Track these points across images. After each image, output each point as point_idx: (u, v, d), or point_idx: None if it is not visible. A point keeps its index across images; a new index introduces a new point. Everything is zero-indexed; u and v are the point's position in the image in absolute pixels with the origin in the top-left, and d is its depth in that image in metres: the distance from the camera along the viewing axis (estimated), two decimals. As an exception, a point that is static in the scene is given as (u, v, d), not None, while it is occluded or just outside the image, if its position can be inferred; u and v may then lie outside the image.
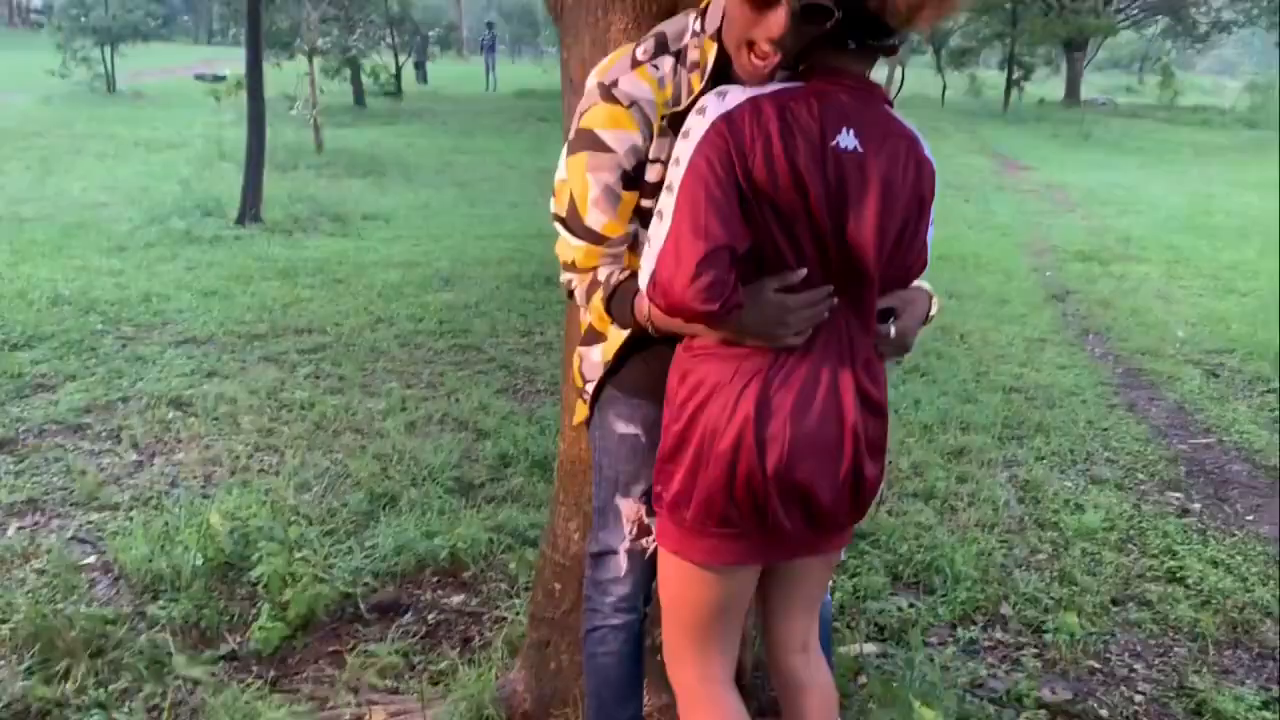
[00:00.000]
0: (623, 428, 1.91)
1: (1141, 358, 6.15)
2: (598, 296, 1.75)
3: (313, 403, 4.67)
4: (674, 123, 1.66)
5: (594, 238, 1.72)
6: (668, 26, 1.73)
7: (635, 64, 1.69)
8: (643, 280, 1.61)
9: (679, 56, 1.69)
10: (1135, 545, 3.68)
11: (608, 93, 1.67)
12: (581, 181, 1.70)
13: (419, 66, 27.06)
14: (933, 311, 1.80)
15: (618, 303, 1.73)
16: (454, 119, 19.22)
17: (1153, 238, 10.21)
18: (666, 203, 1.57)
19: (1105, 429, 4.89)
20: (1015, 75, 28.18)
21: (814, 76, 1.57)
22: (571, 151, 1.72)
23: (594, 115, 1.69)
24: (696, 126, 1.55)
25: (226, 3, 20.96)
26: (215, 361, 5.19)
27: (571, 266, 1.78)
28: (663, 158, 1.67)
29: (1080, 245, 9.80)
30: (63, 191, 10.08)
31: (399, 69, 21.65)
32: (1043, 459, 4.45)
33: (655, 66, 1.68)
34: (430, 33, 25.59)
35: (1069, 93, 31.39)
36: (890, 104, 1.64)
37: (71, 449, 4.07)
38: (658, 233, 1.57)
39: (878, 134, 1.58)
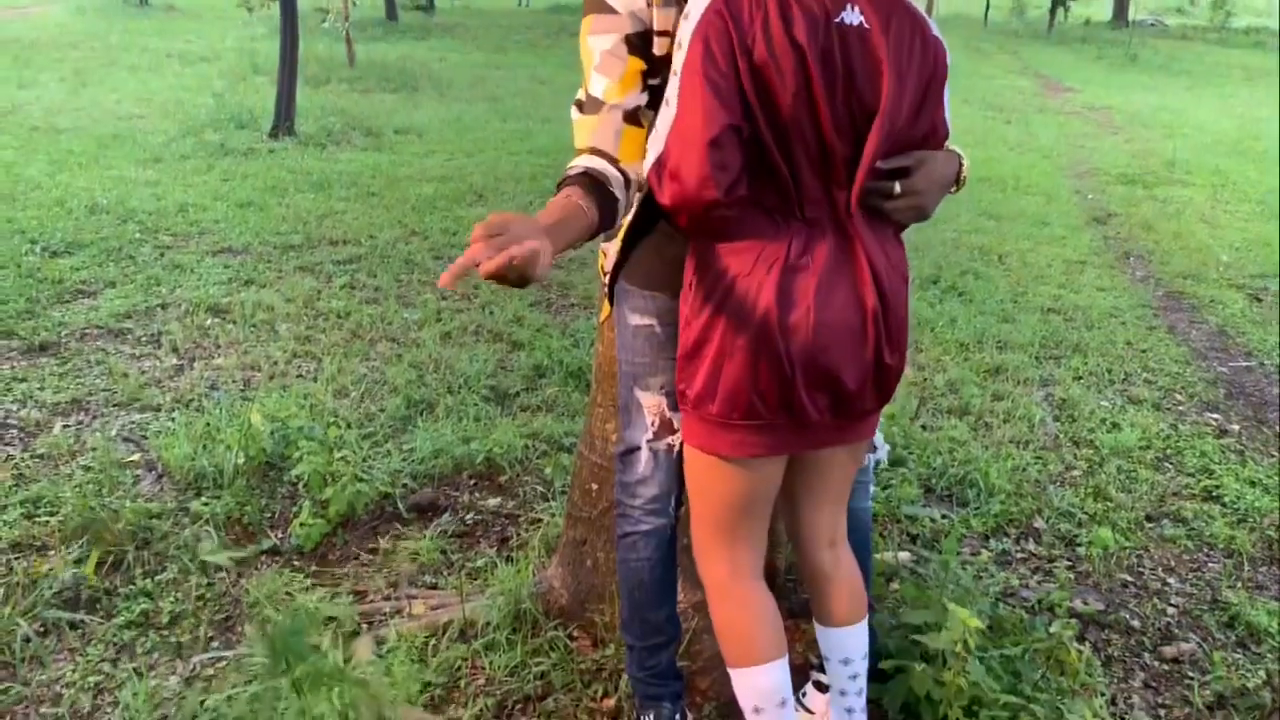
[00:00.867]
0: (637, 320, 1.91)
1: (1183, 281, 6.05)
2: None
3: (349, 312, 4.70)
4: None
5: (594, 106, 1.66)
6: None
7: None
8: (647, 164, 1.60)
9: None
10: (1172, 464, 3.66)
11: None
12: (587, 48, 1.68)
13: (451, -20, 26.69)
14: (963, 173, 1.73)
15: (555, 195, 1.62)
16: (486, 34, 18.97)
17: (1198, 161, 9.97)
18: (672, 88, 1.55)
19: (1144, 350, 4.84)
20: (1061, -6, 27.35)
21: None
22: (583, 20, 1.70)
23: None
24: (695, 8, 1.53)
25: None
26: (251, 271, 5.22)
27: (575, 152, 1.69)
28: (669, 29, 1.65)
29: (1123, 168, 9.59)
30: (97, 103, 10.06)
31: (431, -17, 21.38)
32: (1080, 378, 4.41)
33: None
34: (462, -54, 25.15)
35: (1117, 13, 30.47)
36: None
37: (113, 352, 4.12)
38: (664, 118, 1.56)
39: (883, 10, 1.55)
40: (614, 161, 1.63)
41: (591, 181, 1.58)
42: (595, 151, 1.64)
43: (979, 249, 6.40)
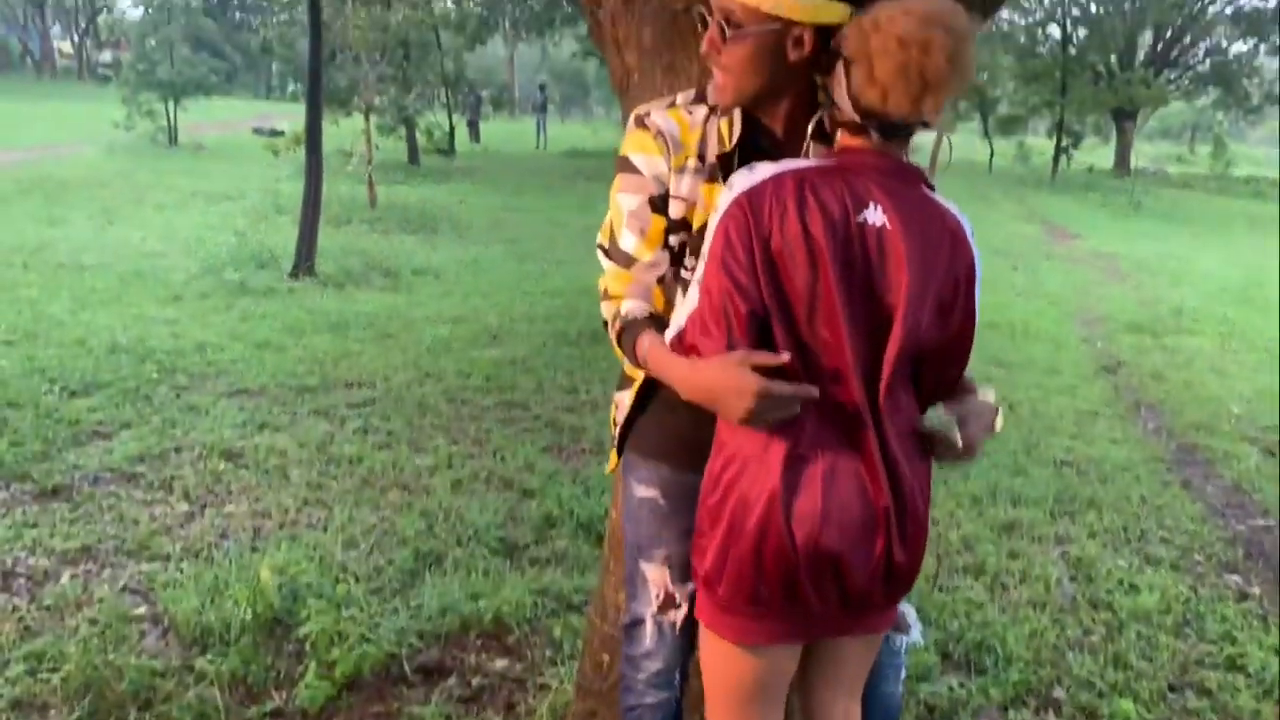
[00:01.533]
0: (641, 491, 1.93)
1: (1196, 433, 6.04)
2: (614, 329, 1.81)
3: (361, 457, 4.71)
4: (724, 166, 1.75)
5: (625, 259, 1.81)
6: (711, 83, 1.82)
7: (672, 105, 1.81)
8: (670, 333, 1.66)
9: (714, 108, 1.79)
10: (1192, 629, 3.59)
11: (640, 122, 1.80)
12: (617, 204, 1.82)
13: (472, 125, 27.59)
14: (998, 426, 1.77)
15: (626, 338, 1.78)
16: (505, 177, 19.53)
17: (1205, 309, 10.08)
18: (699, 270, 1.63)
19: (1159, 507, 4.79)
20: (1064, 143, 28.17)
21: (846, 156, 1.60)
22: (613, 179, 1.83)
23: (628, 141, 1.81)
24: (723, 200, 1.61)
25: (286, 60, 21.44)
26: (266, 413, 5.26)
27: (605, 294, 1.85)
28: (685, 195, 1.77)
29: (1131, 316, 9.70)
30: (123, 240, 10.32)
31: (452, 127, 22.09)
32: (1095, 536, 4.37)
33: (689, 111, 1.80)
34: (483, 93, 26.11)
35: (1119, 162, 31.32)
36: (931, 187, 1.65)
37: (125, 497, 4.13)
38: (690, 297, 1.64)
39: (912, 212, 1.59)
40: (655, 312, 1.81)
41: (659, 323, 1.75)
42: (635, 299, 1.81)
43: (990, 398, 6.42)
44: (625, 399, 1.93)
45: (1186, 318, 9.67)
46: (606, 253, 1.85)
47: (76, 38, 50.75)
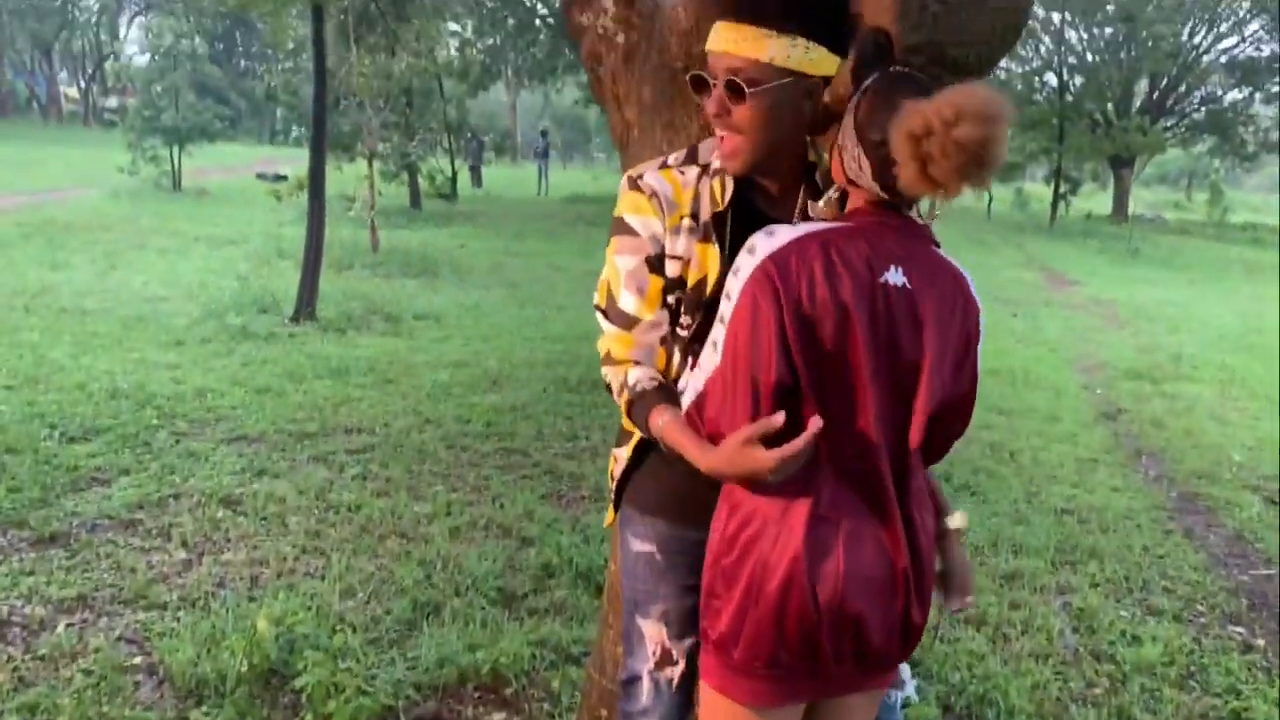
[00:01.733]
0: (638, 545, 1.93)
1: (1197, 481, 6.03)
2: (624, 399, 1.81)
3: (359, 505, 4.70)
4: (717, 225, 1.78)
5: (625, 321, 1.82)
6: (703, 144, 1.87)
7: (664, 166, 1.84)
8: (686, 400, 1.66)
9: (705, 168, 1.82)
10: (1197, 682, 3.56)
11: (634, 183, 1.82)
12: (614, 265, 1.83)
13: (474, 170, 27.81)
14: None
15: (637, 410, 1.78)
16: (506, 222, 19.64)
17: (1205, 357, 10.09)
18: (718, 333, 1.62)
19: (1161, 556, 4.77)
20: (1062, 190, 28.36)
21: (859, 217, 1.62)
22: (608, 241, 1.85)
23: (622, 203, 1.83)
24: (745, 264, 1.59)
25: (290, 107, 21.66)
26: (265, 460, 5.25)
27: (608, 358, 1.85)
28: (681, 254, 1.79)
29: (1131, 363, 9.71)
30: (125, 285, 10.36)
31: (455, 172, 22.26)
32: (1097, 586, 4.34)
33: (681, 172, 1.82)
34: (485, 138, 26.35)
35: (1116, 208, 31.51)
36: (937, 245, 1.67)
37: (122, 545, 4.11)
38: (708, 361, 1.63)
39: (927, 271, 1.61)
40: (661, 375, 1.82)
41: (669, 393, 1.76)
42: (640, 365, 1.82)
43: (990, 445, 6.42)
44: (623, 454, 1.93)
45: (1186, 365, 9.68)
46: (605, 314, 1.85)
47: (83, 83, 51.31)
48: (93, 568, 3.87)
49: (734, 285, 1.60)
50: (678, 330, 1.83)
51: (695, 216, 1.79)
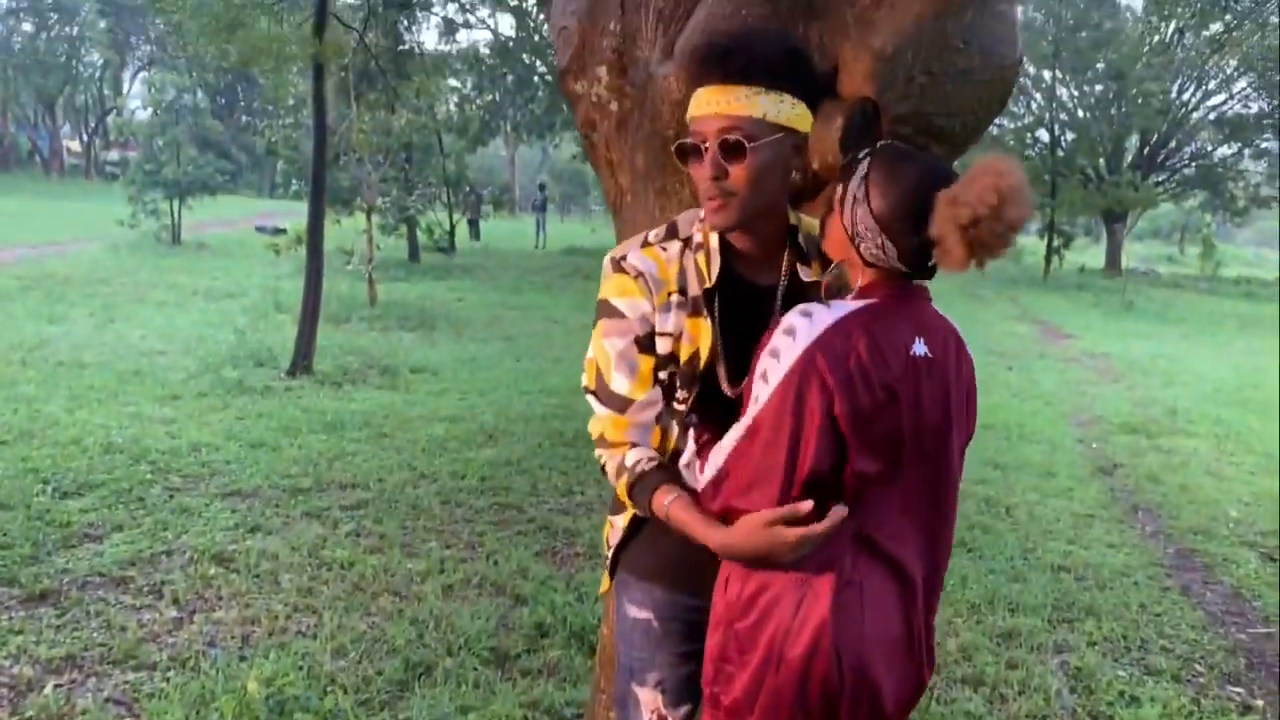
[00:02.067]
0: (635, 612, 1.91)
1: (1194, 538, 6.00)
2: (623, 481, 1.80)
3: (352, 562, 4.68)
4: (708, 300, 1.78)
5: (618, 403, 1.81)
6: (681, 217, 1.88)
7: (645, 244, 1.84)
8: (706, 477, 1.64)
9: (687, 241, 1.83)
10: (1196, 744, 3.52)
11: (618, 265, 1.82)
12: (602, 349, 1.82)
13: (472, 224, 28.00)
14: None
15: (639, 492, 1.77)
16: (504, 274, 19.75)
17: (1200, 411, 10.11)
18: (753, 414, 1.60)
19: (1159, 614, 4.75)
20: (1055, 243, 28.57)
21: (878, 290, 1.63)
22: (594, 324, 1.84)
23: (608, 286, 1.83)
24: (785, 347, 1.58)
25: (291, 161, 21.85)
26: (259, 516, 5.23)
27: (603, 441, 1.84)
28: (671, 331, 1.79)
29: (1126, 416, 9.71)
30: (123, 338, 10.39)
31: (453, 226, 22.43)
32: (1094, 645, 4.31)
33: (663, 248, 1.83)
34: (484, 192, 26.58)
35: (1110, 262, 31.71)
36: (928, 297, 1.70)
37: (113, 603, 4.08)
38: (732, 440, 1.62)
39: (937, 336, 1.64)
40: (659, 454, 1.81)
41: (671, 472, 1.77)
42: (637, 445, 1.81)
43: (986, 500, 6.40)
44: (620, 522, 1.93)
45: (1181, 419, 9.69)
46: (596, 396, 1.84)
47: (85, 137, 51.79)
48: (82, 626, 3.85)
49: (773, 367, 1.59)
50: (674, 405, 1.83)
51: (683, 291, 1.80)
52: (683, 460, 1.76)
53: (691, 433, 1.77)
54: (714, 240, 1.79)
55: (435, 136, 20.38)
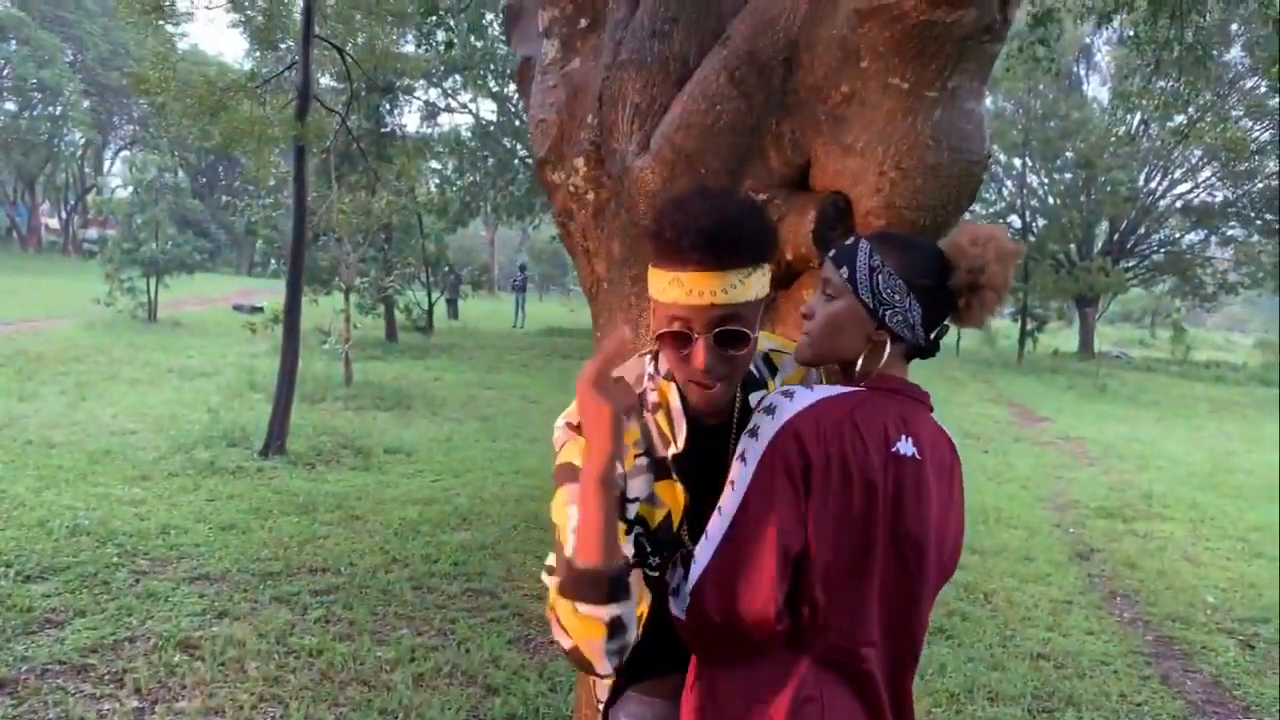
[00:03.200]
0: None
1: (1172, 625, 5.98)
2: (554, 583, 1.63)
3: (321, 649, 4.58)
4: (678, 465, 1.68)
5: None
6: (626, 371, 1.76)
7: None
8: (696, 570, 1.59)
9: (640, 400, 1.72)
10: (1180, 840, 3.46)
11: (577, 430, 1.70)
12: (564, 514, 1.66)
13: (451, 303, 28.07)
14: None
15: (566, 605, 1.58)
16: (481, 354, 19.74)
17: (1175, 495, 10.14)
18: (731, 504, 1.56)
19: (1139, 704, 4.70)
20: (1029, 327, 28.91)
21: (871, 382, 1.63)
22: (554, 491, 1.71)
23: (569, 450, 1.71)
24: (765, 426, 1.56)
25: (270, 240, 21.92)
26: (227, 601, 5.12)
27: (561, 628, 1.61)
28: (641, 496, 1.68)
29: (1102, 501, 9.73)
30: (94, 417, 10.27)
31: (431, 306, 22.47)
32: (1075, 736, 4.26)
33: None
34: (463, 272, 26.73)
35: (1083, 345, 32.11)
36: (931, 408, 1.69)
37: (73, 692, 3.97)
38: (719, 531, 1.57)
39: (929, 440, 1.63)
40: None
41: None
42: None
43: (965, 586, 6.36)
44: (601, 692, 1.89)
45: (1156, 503, 9.72)
46: (553, 574, 1.69)
47: (64, 214, 51.87)
48: (40, 716, 3.73)
49: (751, 447, 1.56)
50: (647, 572, 1.72)
51: (649, 454, 1.71)
52: (673, 585, 1.70)
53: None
54: (675, 401, 1.69)
55: (415, 217, 20.52)
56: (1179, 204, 33.17)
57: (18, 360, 13.73)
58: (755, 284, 1.59)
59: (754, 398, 1.74)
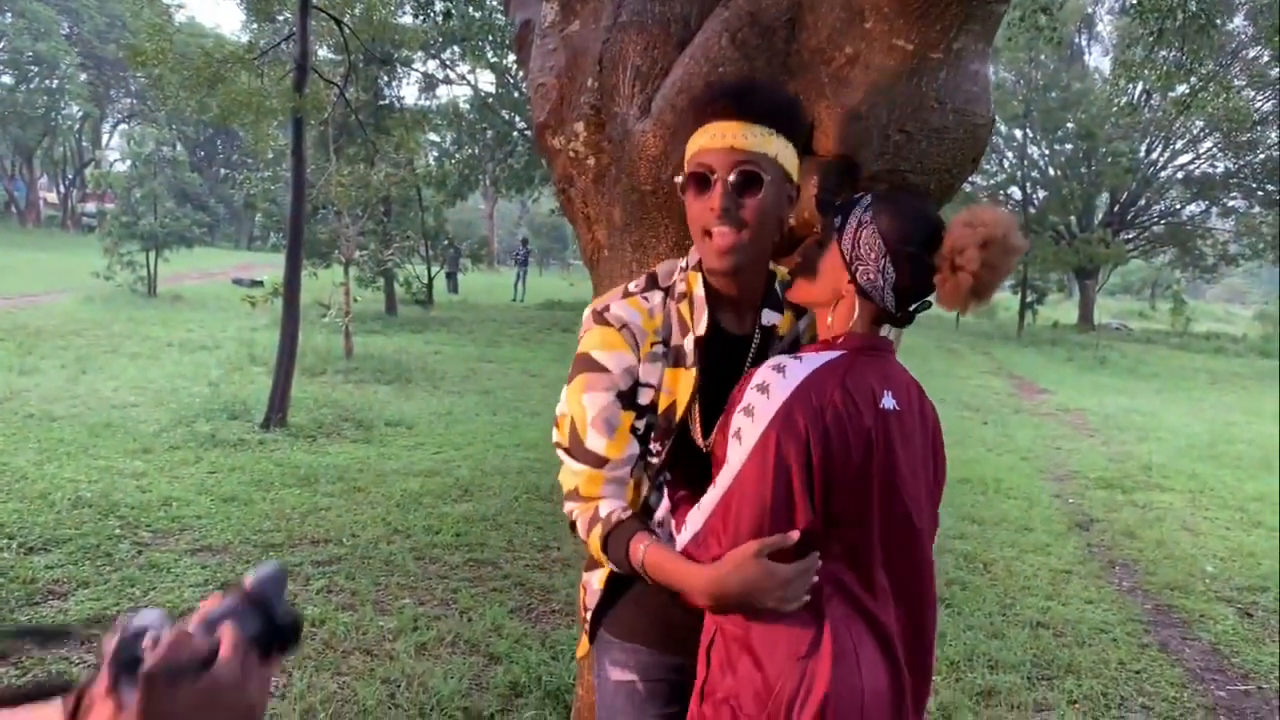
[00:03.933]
0: (618, 674, 1.86)
1: (1171, 593, 6.00)
2: (596, 532, 1.73)
3: (324, 619, 4.59)
4: (697, 350, 1.75)
5: (595, 460, 1.75)
6: (660, 267, 1.85)
7: (627, 294, 1.80)
8: (683, 539, 1.61)
9: (668, 291, 1.79)
10: (1178, 805, 3.48)
11: (600, 317, 1.77)
12: (580, 404, 1.76)
13: (450, 277, 28.02)
14: None
15: (614, 542, 1.71)
16: (481, 328, 19.72)
17: (1174, 466, 10.16)
18: (730, 474, 1.58)
19: (1138, 671, 4.72)
20: (1029, 299, 28.90)
21: (850, 343, 1.64)
22: (570, 379, 1.79)
23: (589, 339, 1.77)
24: (760, 404, 1.57)
25: (269, 214, 21.85)
26: (229, 572, 5.14)
27: (575, 494, 1.79)
28: (653, 382, 1.75)
29: (1101, 472, 9.75)
30: (94, 391, 10.27)
31: (431, 279, 22.42)
32: (1075, 703, 4.28)
33: (645, 298, 1.79)
34: (462, 245, 26.66)
35: (1082, 317, 32.10)
36: (894, 353, 1.72)
37: (76, 662, 3.98)
38: (710, 502, 1.60)
39: (902, 389, 1.66)
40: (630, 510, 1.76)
41: (644, 523, 1.72)
42: (609, 498, 1.75)
43: (964, 555, 6.39)
44: (595, 582, 1.89)
45: (1155, 474, 9.74)
46: (570, 453, 1.79)
47: (63, 188, 51.70)
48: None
49: (747, 426, 1.58)
50: (648, 458, 1.79)
51: (665, 342, 1.76)
52: (656, 517, 1.74)
53: (666, 490, 1.75)
54: (699, 289, 1.76)
55: (414, 190, 20.44)
56: (1180, 175, 33.07)
57: (18, 335, 13.72)
58: (777, 145, 1.68)
59: (771, 317, 1.81)
